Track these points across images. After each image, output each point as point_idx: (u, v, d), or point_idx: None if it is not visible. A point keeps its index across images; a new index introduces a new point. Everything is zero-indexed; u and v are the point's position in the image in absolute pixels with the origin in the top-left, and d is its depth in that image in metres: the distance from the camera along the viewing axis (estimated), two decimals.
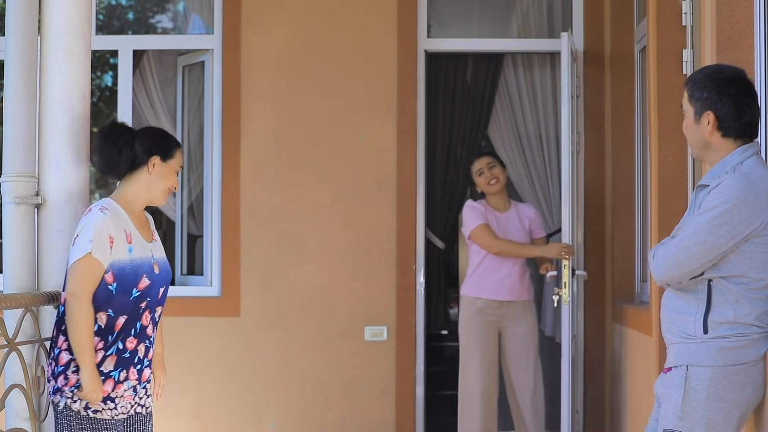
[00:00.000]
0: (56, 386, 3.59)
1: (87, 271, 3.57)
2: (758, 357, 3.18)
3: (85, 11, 3.68)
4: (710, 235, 3.13)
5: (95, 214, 3.64)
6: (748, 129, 3.22)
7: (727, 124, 3.20)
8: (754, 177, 3.15)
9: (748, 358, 3.18)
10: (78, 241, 3.59)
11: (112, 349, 3.65)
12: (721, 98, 3.19)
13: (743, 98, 3.19)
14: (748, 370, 3.17)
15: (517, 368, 5.90)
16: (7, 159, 3.62)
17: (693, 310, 3.23)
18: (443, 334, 8.45)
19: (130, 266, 3.69)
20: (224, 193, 6.40)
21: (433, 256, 7.05)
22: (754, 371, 3.18)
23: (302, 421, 6.34)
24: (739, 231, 3.11)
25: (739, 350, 3.18)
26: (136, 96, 6.83)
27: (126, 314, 3.67)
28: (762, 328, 3.18)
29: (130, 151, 3.79)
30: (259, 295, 6.36)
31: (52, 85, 3.65)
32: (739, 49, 3.73)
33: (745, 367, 3.17)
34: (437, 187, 7.00)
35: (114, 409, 3.67)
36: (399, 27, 6.40)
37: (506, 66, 6.92)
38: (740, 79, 3.23)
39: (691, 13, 4.51)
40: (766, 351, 3.18)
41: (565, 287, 5.53)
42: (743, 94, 3.20)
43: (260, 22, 6.42)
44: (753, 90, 3.24)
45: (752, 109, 3.21)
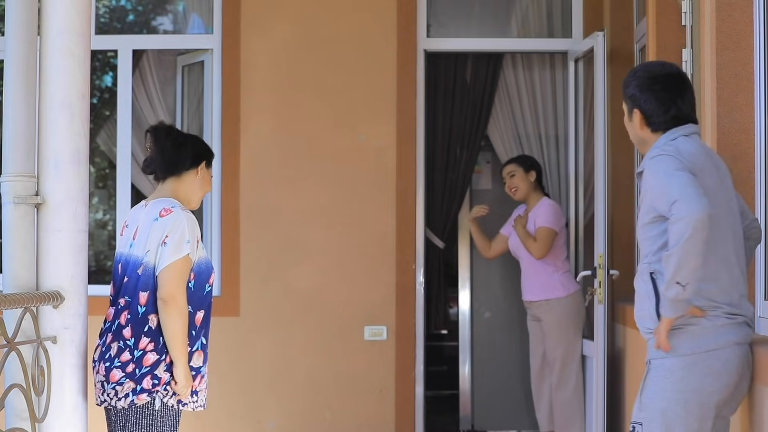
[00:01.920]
0: (141, 387, 3.77)
1: (184, 272, 3.80)
2: (716, 346, 3.17)
3: (84, 11, 3.68)
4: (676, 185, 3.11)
5: (181, 215, 3.85)
6: (677, 121, 3.29)
7: (653, 120, 3.30)
8: (681, 149, 3.22)
9: (703, 347, 3.18)
10: (171, 242, 3.78)
11: (197, 345, 3.88)
12: (644, 95, 3.29)
13: (666, 93, 3.28)
14: (705, 360, 3.17)
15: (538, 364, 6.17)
16: (7, 159, 3.62)
17: (647, 305, 3.27)
18: (443, 333, 8.46)
19: (204, 263, 3.92)
20: (224, 192, 6.40)
21: (432, 256, 7.05)
22: (712, 360, 3.16)
23: (301, 420, 6.34)
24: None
25: (693, 339, 3.19)
26: (135, 96, 6.83)
27: (203, 309, 3.90)
28: (714, 316, 3.19)
29: (187, 151, 3.99)
30: (259, 295, 6.36)
31: (52, 84, 3.65)
32: (739, 49, 3.74)
33: (702, 356, 3.17)
34: (437, 187, 7.00)
35: (196, 401, 3.93)
36: (398, 26, 6.40)
37: (506, 66, 6.92)
38: (665, 74, 3.32)
39: (690, 13, 4.52)
40: (727, 339, 3.18)
41: (600, 287, 5.57)
42: (666, 89, 3.28)
43: (260, 21, 6.42)
44: (678, 83, 3.31)
45: (678, 102, 3.28)
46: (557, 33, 6.70)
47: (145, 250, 3.84)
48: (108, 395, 3.81)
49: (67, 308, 3.62)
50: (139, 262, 3.85)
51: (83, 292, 3.69)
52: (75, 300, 3.65)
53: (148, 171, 4.08)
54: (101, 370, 3.83)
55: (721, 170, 3.30)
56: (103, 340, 3.89)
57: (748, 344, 3.23)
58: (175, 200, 3.93)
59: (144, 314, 3.81)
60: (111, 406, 3.81)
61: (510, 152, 6.92)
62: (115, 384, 3.78)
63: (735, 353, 3.18)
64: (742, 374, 3.21)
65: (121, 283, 3.90)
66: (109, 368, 3.80)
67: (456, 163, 6.97)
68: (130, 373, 3.78)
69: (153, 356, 3.79)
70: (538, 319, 6.09)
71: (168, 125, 4.11)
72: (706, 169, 3.23)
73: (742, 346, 3.20)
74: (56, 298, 3.60)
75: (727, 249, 3.24)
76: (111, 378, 3.79)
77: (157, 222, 3.85)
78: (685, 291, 3.11)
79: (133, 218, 4.01)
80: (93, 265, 9.75)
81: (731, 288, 3.24)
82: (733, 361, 3.18)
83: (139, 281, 3.83)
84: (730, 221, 3.27)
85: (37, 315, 3.58)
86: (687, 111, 3.32)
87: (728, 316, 3.21)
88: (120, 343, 3.82)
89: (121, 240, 4.01)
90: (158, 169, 4.01)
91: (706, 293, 3.20)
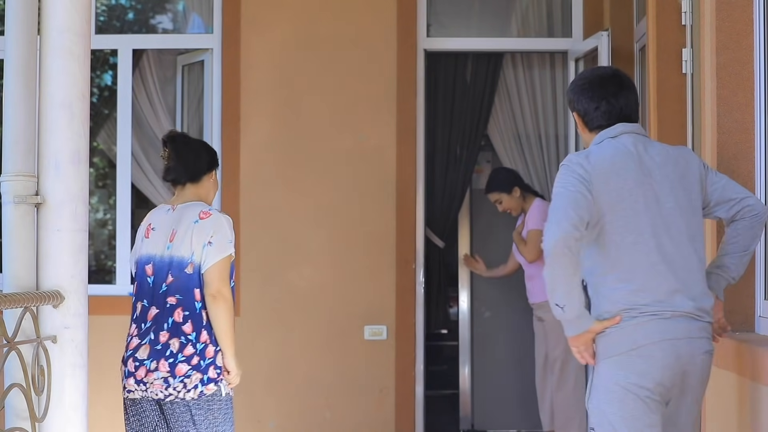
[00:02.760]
0: (208, 377, 4.06)
1: (228, 269, 4.10)
2: (636, 345, 3.23)
3: (84, 10, 3.68)
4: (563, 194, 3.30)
5: (221, 217, 4.15)
6: (608, 117, 3.42)
7: (587, 118, 3.46)
8: (593, 155, 3.35)
9: (623, 348, 3.24)
10: (216, 241, 4.08)
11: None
12: (577, 96, 3.47)
13: (596, 92, 3.43)
14: (628, 359, 3.24)
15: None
16: (7, 158, 3.62)
17: (589, 309, 3.37)
18: (443, 333, 8.46)
19: (232, 262, 4.21)
20: (223, 192, 6.40)
21: (432, 256, 7.05)
22: (634, 359, 3.23)
23: (302, 420, 6.34)
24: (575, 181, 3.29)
25: (614, 342, 3.27)
26: (135, 95, 6.84)
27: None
28: (631, 316, 3.25)
29: (203, 158, 4.28)
30: (259, 295, 6.36)
31: (52, 84, 3.65)
32: (739, 48, 3.74)
33: (624, 356, 3.25)
34: (437, 187, 7.00)
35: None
36: (398, 26, 6.40)
37: (506, 65, 6.92)
38: (597, 75, 3.49)
39: (690, 13, 4.52)
40: (648, 337, 3.23)
41: None
42: (596, 88, 3.43)
43: (260, 21, 6.42)
44: (611, 83, 3.43)
45: (609, 99, 3.41)
46: (557, 33, 6.70)
47: (191, 251, 4.11)
48: (175, 389, 4.05)
49: (67, 308, 3.62)
50: (186, 261, 4.12)
51: (83, 292, 3.69)
52: (75, 300, 3.64)
53: (169, 179, 4.29)
54: (162, 366, 4.06)
55: (648, 168, 3.35)
56: (148, 338, 4.13)
57: (692, 337, 3.25)
58: (204, 203, 4.25)
59: (200, 309, 4.10)
60: (179, 399, 4.06)
61: (510, 152, 6.92)
62: (182, 377, 4.04)
63: (661, 348, 3.22)
64: (681, 366, 3.24)
65: (155, 283, 4.16)
66: (173, 363, 4.05)
67: (456, 163, 6.97)
68: (195, 365, 4.05)
69: (213, 348, 4.09)
70: (541, 319, 6.12)
71: (182, 134, 4.41)
72: (622, 171, 3.31)
73: (673, 341, 3.23)
74: (56, 297, 3.60)
75: (648, 247, 3.28)
76: (177, 372, 4.05)
77: (197, 224, 4.12)
78: (565, 312, 3.26)
79: (159, 221, 4.24)
80: (93, 264, 9.76)
81: (654, 286, 3.26)
82: (659, 357, 3.22)
83: (191, 279, 4.11)
84: (656, 219, 3.31)
85: (37, 314, 3.59)
86: (620, 107, 3.42)
87: (650, 315, 3.24)
88: (181, 339, 4.08)
89: (148, 242, 4.21)
90: (181, 177, 4.26)
91: (618, 297, 3.27)
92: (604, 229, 3.29)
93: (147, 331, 4.15)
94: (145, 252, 4.22)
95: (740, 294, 3.74)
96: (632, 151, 3.36)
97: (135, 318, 4.24)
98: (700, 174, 3.42)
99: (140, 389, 4.13)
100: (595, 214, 3.27)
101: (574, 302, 3.24)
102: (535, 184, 6.80)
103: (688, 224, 3.35)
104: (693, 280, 3.30)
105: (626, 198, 3.29)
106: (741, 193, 3.45)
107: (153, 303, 4.16)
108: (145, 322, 4.17)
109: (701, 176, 3.42)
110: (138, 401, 4.17)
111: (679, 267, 3.29)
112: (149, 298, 4.18)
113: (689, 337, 3.24)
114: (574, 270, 3.22)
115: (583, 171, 3.29)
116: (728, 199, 3.44)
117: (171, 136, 4.31)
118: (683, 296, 3.27)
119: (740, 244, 3.45)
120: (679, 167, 3.39)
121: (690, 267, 3.31)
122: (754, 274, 3.69)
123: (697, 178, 3.40)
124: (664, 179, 3.35)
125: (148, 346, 4.12)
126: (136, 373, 4.12)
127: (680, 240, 3.32)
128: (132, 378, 4.14)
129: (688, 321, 3.25)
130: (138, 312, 4.23)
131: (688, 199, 3.37)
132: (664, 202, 3.33)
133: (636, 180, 3.32)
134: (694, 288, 3.30)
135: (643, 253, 3.28)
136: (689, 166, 3.40)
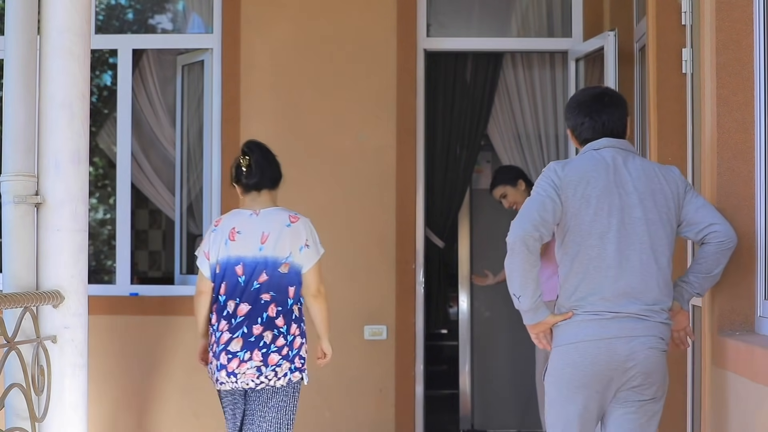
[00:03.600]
0: (294, 366, 4.56)
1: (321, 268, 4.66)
2: (575, 340, 3.60)
3: (84, 10, 3.68)
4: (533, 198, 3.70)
5: (307, 220, 4.66)
6: (593, 132, 3.77)
7: (577, 132, 3.82)
8: (571, 164, 3.71)
9: (565, 341, 3.64)
10: (312, 244, 4.60)
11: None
12: (570, 113, 3.84)
13: (584, 109, 3.79)
14: (566, 351, 3.63)
15: None
16: (7, 158, 3.62)
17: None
18: (443, 333, 8.46)
19: None
20: (224, 192, 6.39)
21: (432, 256, 7.05)
22: (571, 352, 3.61)
23: (301, 420, 6.33)
24: (547, 190, 3.65)
25: (560, 334, 3.66)
26: (135, 95, 6.83)
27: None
28: (578, 314, 3.61)
29: (279, 166, 4.74)
30: None
31: (52, 84, 3.65)
32: (739, 48, 3.73)
33: (563, 348, 3.64)
34: (437, 187, 7.00)
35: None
36: (398, 26, 6.40)
37: (506, 65, 6.92)
38: (587, 95, 3.85)
39: (690, 12, 4.51)
40: (586, 334, 3.58)
41: None
42: (584, 106, 3.79)
43: (260, 21, 6.42)
44: (599, 101, 3.79)
45: (594, 116, 3.76)
46: (557, 33, 6.70)
47: (288, 252, 4.57)
48: (266, 377, 4.53)
49: (67, 308, 3.62)
50: (281, 261, 4.57)
51: (83, 292, 3.69)
52: (75, 299, 3.65)
53: (252, 186, 4.67)
54: (255, 356, 4.51)
55: (621, 179, 3.65)
56: (240, 332, 4.55)
57: (633, 335, 3.56)
58: (286, 208, 4.70)
59: (292, 305, 4.59)
60: (269, 386, 4.55)
61: (510, 152, 6.92)
62: (274, 366, 4.52)
63: (597, 347, 3.56)
64: (619, 362, 3.56)
65: (247, 282, 4.56)
66: (266, 354, 4.52)
67: (456, 163, 6.98)
68: (285, 355, 4.53)
69: (299, 340, 4.59)
70: None
71: (262, 144, 4.75)
72: (593, 180, 3.63)
73: (610, 339, 3.57)
74: (56, 297, 3.60)
75: (605, 252, 3.59)
76: (269, 361, 4.52)
77: (290, 227, 4.60)
78: (521, 302, 3.65)
79: (244, 226, 4.63)
80: (93, 264, 9.76)
81: (603, 288, 3.58)
82: (595, 354, 3.56)
83: (285, 278, 4.57)
84: (620, 227, 3.60)
85: (37, 314, 3.59)
86: (602, 123, 3.77)
87: (593, 314, 3.59)
88: (274, 332, 4.54)
89: (235, 245, 4.60)
90: (264, 183, 4.67)
91: (572, 295, 3.64)
92: (569, 231, 3.63)
93: (239, 326, 4.56)
94: (233, 254, 4.60)
95: (740, 294, 3.74)
96: (609, 163, 3.66)
97: (224, 315, 4.59)
98: (677, 193, 3.68)
99: (231, 381, 4.56)
100: (562, 216, 3.62)
101: (528, 294, 3.62)
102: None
103: (651, 235, 3.61)
104: (647, 286, 3.59)
105: (593, 204, 3.60)
106: (712, 219, 3.68)
107: (244, 300, 4.57)
108: (236, 318, 4.57)
109: (678, 195, 3.68)
110: (229, 392, 4.67)
111: (633, 272, 3.59)
112: (240, 295, 4.58)
113: (630, 336, 3.56)
114: (530, 265, 3.59)
115: (556, 177, 3.64)
116: (697, 222, 3.68)
117: (253, 145, 4.71)
118: (631, 299, 3.58)
119: (705, 267, 3.70)
120: (654, 183, 3.66)
121: (646, 273, 3.59)
122: (754, 274, 3.69)
123: (672, 195, 3.66)
124: (634, 191, 3.63)
125: (241, 339, 4.54)
126: (228, 366, 4.54)
127: (641, 248, 3.60)
128: (224, 370, 4.55)
129: (633, 321, 3.57)
130: (229, 309, 4.59)
131: (657, 213, 3.63)
132: (630, 212, 3.61)
133: (605, 189, 3.62)
134: (647, 292, 3.59)
135: (600, 257, 3.60)
136: (667, 183, 3.67)
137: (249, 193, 4.68)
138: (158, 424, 6.38)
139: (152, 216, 9.89)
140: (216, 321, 4.62)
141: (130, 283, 6.57)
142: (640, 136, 5.75)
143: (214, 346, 4.60)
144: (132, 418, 6.36)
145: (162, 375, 6.38)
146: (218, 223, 4.71)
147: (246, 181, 4.66)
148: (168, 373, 6.38)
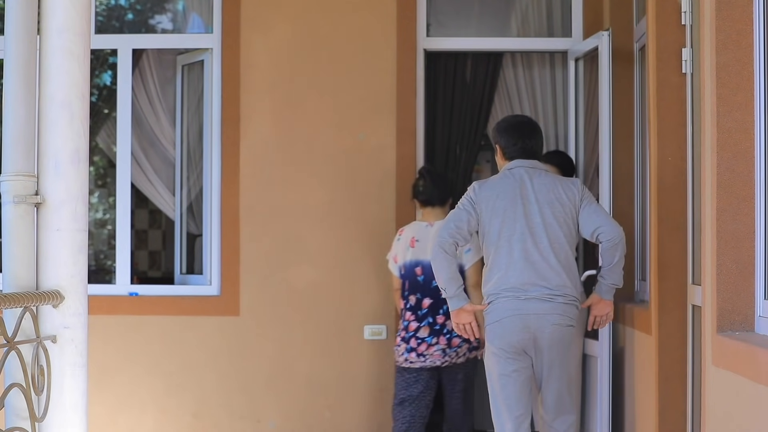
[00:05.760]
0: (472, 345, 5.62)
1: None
2: (498, 318, 4.67)
3: (84, 10, 3.68)
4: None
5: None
6: (520, 152, 4.82)
7: (506, 150, 4.87)
8: (489, 181, 4.84)
9: (491, 319, 4.71)
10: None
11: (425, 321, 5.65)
12: (500, 135, 4.90)
13: (513, 133, 4.85)
14: (494, 328, 4.70)
15: None
16: (7, 158, 3.62)
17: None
18: None
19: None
20: (224, 192, 6.40)
21: None
22: (496, 327, 4.69)
23: (301, 420, 6.34)
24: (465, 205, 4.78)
25: (488, 315, 4.73)
26: (135, 95, 6.83)
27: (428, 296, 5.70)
28: (498, 298, 4.67)
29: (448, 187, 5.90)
30: (259, 294, 6.36)
31: (52, 84, 3.64)
32: (739, 48, 3.73)
33: (492, 325, 4.70)
34: None
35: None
36: (398, 26, 6.41)
37: (506, 65, 6.92)
38: (515, 122, 4.96)
39: (690, 12, 4.51)
40: (505, 312, 4.65)
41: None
42: (512, 130, 4.87)
43: (260, 21, 6.42)
44: (524, 128, 4.89)
45: (522, 140, 4.82)
46: (557, 32, 6.70)
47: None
48: (450, 357, 5.61)
49: (67, 307, 3.62)
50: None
51: (83, 292, 3.69)
52: (75, 299, 3.64)
53: (424, 202, 5.80)
54: (441, 341, 5.58)
55: (527, 192, 4.71)
56: (426, 321, 5.61)
57: (539, 313, 4.64)
58: None
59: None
60: (452, 363, 5.62)
61: None
62: (456, 348, 5.59)
63: (513, 321, 4.65)
64: (530, 333, 4.65)
65: (425, 280, 5.59)
66: (449, 338, 5.57)
67: (456, 163, 6.97)
68: (464, 339, 5.36)
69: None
70: None
71: (434, 168, 6.17)
72: (502, 193, 4.71)
73: (523, 315, 4.64)
74: (56, 297, 3.60)
75: (514, 250, 4.66)
76: (452, 344, 5.58)
77: None
78: (445, 292, 4.77)
79: (421, 234, 5.73)
80: (93, 264, 9.76)
81: (514, 277, 4.65)
82: (512, 325, 4.64)
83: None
84: (524, 230, 4.66)
85: (37, 314, 3.59)
86: (528, 146, 4.82)
87: (508, 297, 4.65)
88: (447, 320, 5.45)
89: (414, 250, 5.71)
90: (435, 200, 5.78)
91: (492, 284, 4.70)
92: (486, 236, 4.71)
93: (424, 316, 5.63)
94: (413, 258, 5.70)
95: (740, 294, 3.74)
96: (517, 180, 4.72)
97: (409, 307, 5.67)
98: (575, 202, 4.71)
99: (419, 360, 5.61)
100: (480, 226, 4.72)
101: (450, 286, 4.73)
102: None
103: (550, 235, 4.67)
104: (549, 275, 4.65)
105: (501, 214, 4.68)
106: (599, 222, 4.70)
107: (426, 295, 5.62)
108: (421, 310, 5.64)
109: (575, 203, 4.71)
110: (415, 369, 5.64)
111: (536, 265, 4.64)
112: (422, 291, 5.65)
113: (537, 314, 4.64)
114: (449, 264, 4.70)
115: (474, 194, 4.75)
116: (588, 225, 4.71)
117: (428, 170, 5.91)
118: (536, 285, 4.64)
119: (606, 261, 4.74)
120: (553, 194, 4.70)
121: (547, 265, 4.65)
122: (754, 274, 3.68)
123: (570, 204, 4.71)
124: (535, 202, 4.68)
125: (428, 327, 5.61)
126: (418, 348, 5.61)
127: (542, 246, 4.65)
128: (414, 353, 5.62)
129: (539, 302, 4.64)
130: (412, 303, 5.67)
131: (555, 218, 4.67)
132: (532, 218, 4.66)
133: (513, 200, 4.68)
134: (551, 280, 4.65)
135: (509, 254, 4.66)
136: (566, 194, 4.71)
137: (425, 208, 5.81)
138: (158, 424, 6.38)
139: (152, 216, 9.89)
140: (402, 312, 5.72)
141: (130, 283, 6.57)
142: (640, 136, 5.75)
143: (403, 332, 5.67)
144: (132, 418, 6.36)
145: (162, 375, 6.38)
146: (402, 233, 5.81)
147: (420, 198, 5.83)
148: (168, 373, 6.38)
